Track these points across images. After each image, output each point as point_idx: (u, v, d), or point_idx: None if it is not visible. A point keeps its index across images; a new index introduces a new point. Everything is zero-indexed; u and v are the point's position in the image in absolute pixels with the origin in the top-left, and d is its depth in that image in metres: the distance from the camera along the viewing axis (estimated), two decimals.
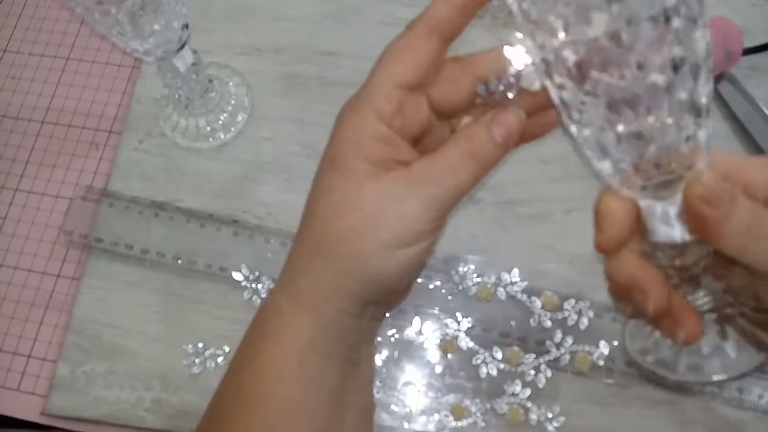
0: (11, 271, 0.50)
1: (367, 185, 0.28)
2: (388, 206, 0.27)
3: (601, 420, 0.43)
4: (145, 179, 0.51)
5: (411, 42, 0.28)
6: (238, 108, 0.52)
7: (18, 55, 0.58)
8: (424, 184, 0.28)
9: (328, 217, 0.29)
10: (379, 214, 0.28)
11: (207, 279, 0.47)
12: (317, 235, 0.29)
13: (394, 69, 0.29)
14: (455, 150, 0.28)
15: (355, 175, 0.28)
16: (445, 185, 0.28)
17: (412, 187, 0.27)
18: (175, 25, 0.43)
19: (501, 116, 0.28)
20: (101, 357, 0.46)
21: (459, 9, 0.28)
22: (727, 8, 0.53)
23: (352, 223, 0.28)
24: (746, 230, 0.24)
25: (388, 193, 0.28)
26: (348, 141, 0.29)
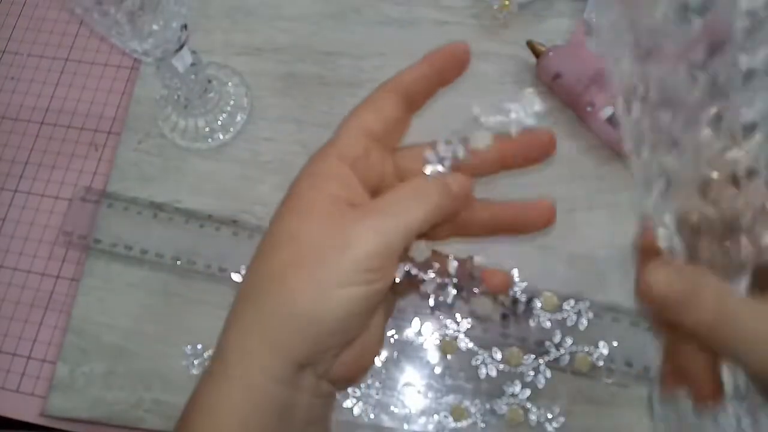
0: (10, 272, 0.50)
1: (312, 219, 0.27)
2: (327, 238, 0.26)
3: (601, 420, 0.43)
4: (144, 180, 0.51)
5: (377, 96, 0.30)
6: (238, 108, 0.52)
7: (17, 56, 0.58)
8: (369, 217, 0.26)
9: (265, 253, 0.27)
10: (316, 246, 0.26)
11: (206, 279, 0.47)
12: (251, 274, 0.27)
13: (360, 116, 0.29)
14: (402, 186, 0.28)
15: (302, 208, 0.27)
16: (393, 219, 0.26)
17: (356, 220, 0.26)
18: (174, 26, 0.43)
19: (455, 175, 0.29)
20: (100, 358, 0.46)
21: (422, 79, 0.30)
22: None
23: (286, 257, 0.26)
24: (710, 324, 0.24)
25: (330, 226, 0.26)
26: (305, 176, 0.29)
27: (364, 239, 0.26)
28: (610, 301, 0.45)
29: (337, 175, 0.28)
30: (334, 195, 0.27)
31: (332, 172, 0.28)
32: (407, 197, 0.27)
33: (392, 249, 0.26)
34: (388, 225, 0.26)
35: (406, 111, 0.30)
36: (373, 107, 0.30)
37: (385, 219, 0.26)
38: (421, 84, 0.30)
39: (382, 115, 0.29)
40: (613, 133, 0.47)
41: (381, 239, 0.26)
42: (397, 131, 0.30)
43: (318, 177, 0.28)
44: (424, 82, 0.30)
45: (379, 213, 0.27)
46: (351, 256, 0.25)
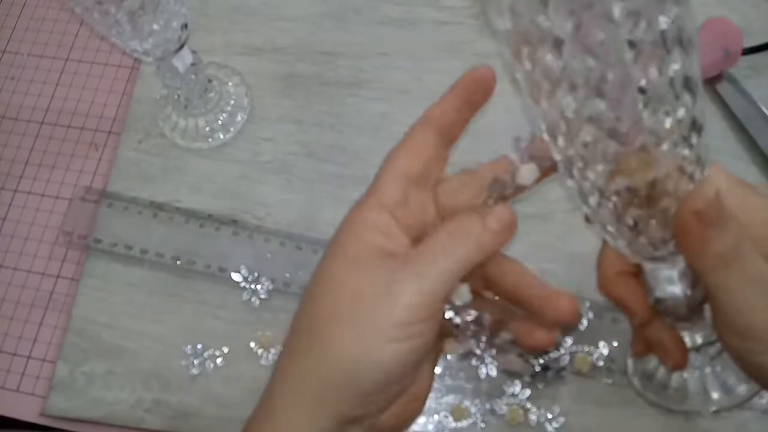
0: (10, 272, 0.50)
1: (357, 270, 0.26)
2: (370, 291, 0.26)
3: (601, 420, 0.43)
4: (144, 179, 0.51)
5: (412, 136, 0.30)
6: (238, 108, 0.52)
7: (17, 56, 0.58)
8: (409, 267, 0.26)
9: (309, 303, 0.27)
10: (358, 300, 0.26)
11: (206, 279, 0.47)
12: (296, 325, 0.27)
13: (396, 161, 0.29)
14: (443, 232, 0.27)
15: (345, 260, 0.27)
16: (433, 267, 0.26)
17: (397, 271, 0.26)
18: (174, 25, 0.43)
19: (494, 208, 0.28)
20: (100, 357, 0.46)
21: (453, 111, 0.29)
22: (726, 8, 0.53)
23: (329, 310, 0.26)
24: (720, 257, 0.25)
25: (372, 278, 0.26)
26: (347, 228, 0.28)
27: (406, 292, 0.25)
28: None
29: (378, 224, 0.28)
30: (375, 245, 0.27)
31: (372, 221, 0.28)
32: (445, 243, 0.27)
33: (435, 298, 0.26)
34: (429, 274, 0.26)
35: (442, 147, 0.30)
36: (409, 149, 0.29)
37: (425, 268, 0.26)
38: (452, 116, 0.30)
39: (419, 155, 0.29)
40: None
41: (423, 290, 0.26)
42: (437, 168, 0.30)
43: (359, 226, 0.28)
44: (455, 114, 0.29)
45: (419, 262, 0.26)
46: (394, 311, 0.25)
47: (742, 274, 0.25)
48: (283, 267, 0.47)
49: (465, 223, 0.27)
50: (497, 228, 0.27)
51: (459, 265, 0.26)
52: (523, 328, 0.30)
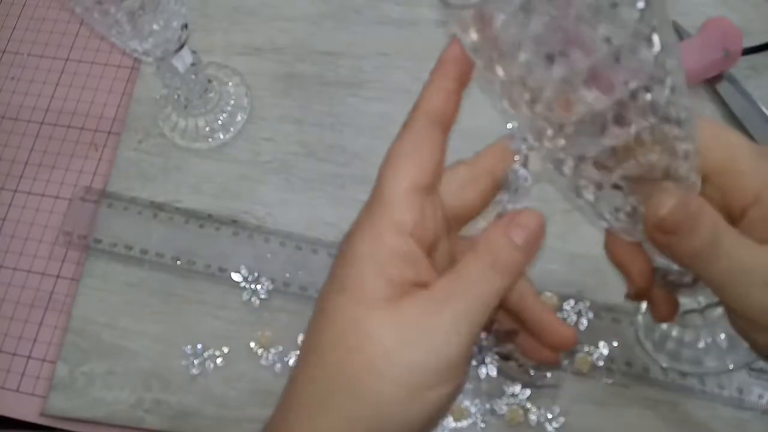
0: (10, 272, 0.50)
1: (385, 313, 0.24)
2: (409, 338, 0.24)
3: (601, 420, 0.43)
4: (144, 180, 0.51)
5: (415, 138, 0.26)
6: (238, 108, 0.52)
7: (17, 56, 0.58)
8: (445, 305, 0.24)
9: (336, 352, 0.24)
10: (398, 348, 0.23)
11: (206, 279, 0.47)
12: (323, 376, 0.24)
13: (405, 170, 0.25)
14: (476, 263, 0.25)
15: (371, 300, 0.24)
16: (467, 303, 0.24)
17: (435, 313, 0.24)
18: (175, 25, 0.43)
19: (519, 217, 0.25)
20: (100, 357, 0.46)
21: (450, 95, 0.26)
22: (726, 8, 0.53)
23: (366, 360, 0.24)
24: (696, 255, 0.25)
25: (409, 322, 0.24)
26: (363, 259, 0.25)
27: (445, 338, 0.24)
28: (610, 301, 0.44)
29: (403, 255, 0.25)
30: (403, 281, 0.24)
31: (396, 252, 0.25)
32: (477, 274, 0.25)
33: (473, 335, 0.24)
34: (466, 313, 0.24)
35: (445, 140, 0.27)
36: (416, 153, 0.26)
37: (462, 309, 0.24)
38: (452, 102, 0.27)
39: (429, 160, 0.26)
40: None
41: (462, 330, 0.24)
42: (442, 168, 0.27)
43: (380, 261, 0.24)
44: (454, 99, 0.27)
45: (455, 302, 0.24)
46: (435, 358, 0.24)
47: (723, 268, 0.25)
48: (283, 267, 0.47)
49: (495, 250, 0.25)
50: (523, 243, 0.25)
51: (495, 297, 0.25)
52: (530, 343, 0.30)
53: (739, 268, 0.25)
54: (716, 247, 0.25)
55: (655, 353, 0.41)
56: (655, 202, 0.25)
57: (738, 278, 0.25)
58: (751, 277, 0.25)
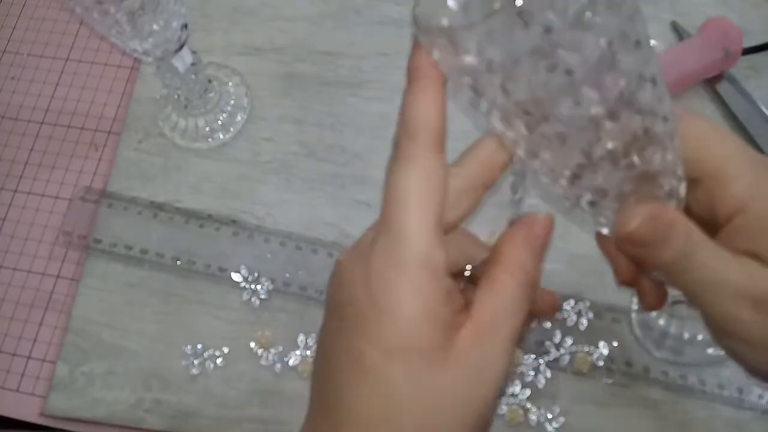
0: (10, 273, 0.50)
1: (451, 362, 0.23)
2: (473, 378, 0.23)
3: (601, 420, 0.43)
4: (144, 180, 0.51)
5: (426, 168, 0.24)
6: (238, 108, 0.52)
7: (17, 56, 0.58)
8: (500, 334, 0.24)
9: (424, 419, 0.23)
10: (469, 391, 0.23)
11: (206, 279, 0.47)
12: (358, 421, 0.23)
13: (425, 207, 0.23)
14: (512, 281, 0.24)
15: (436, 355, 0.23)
16: (517, 324, 0.24)
17: (486, 343, 0.24)
18: (174, 25, 0.43)
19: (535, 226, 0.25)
20: (100, 357, 0.46)
21: (439, 105, 0.24)
22: (726, 8, 0.53)
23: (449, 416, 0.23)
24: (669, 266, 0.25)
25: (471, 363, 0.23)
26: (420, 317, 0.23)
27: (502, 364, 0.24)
28: (610, 301, 0.44)
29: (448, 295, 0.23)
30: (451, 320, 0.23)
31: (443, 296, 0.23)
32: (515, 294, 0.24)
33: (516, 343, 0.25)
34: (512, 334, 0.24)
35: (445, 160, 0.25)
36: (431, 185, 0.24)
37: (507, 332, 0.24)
38: (444, 113, 0.24)
39: (443, 191, 0.24)
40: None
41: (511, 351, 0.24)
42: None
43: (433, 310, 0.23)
44: (444, 109, 0.24)
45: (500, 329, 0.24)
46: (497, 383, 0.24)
47: (696, 278, 0.25)
48: (283, 267, 0.47)
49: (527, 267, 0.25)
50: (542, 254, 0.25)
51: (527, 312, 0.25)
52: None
53: (711, 280, 0.25)
54: (689, 259, 0.25)
55: (644, 340, 0.43)
56: (624, 216, 0.25)
57: (710, 289, 0.25)
58: (723, 288, 0.25)
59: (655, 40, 0.53)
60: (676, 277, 0.26)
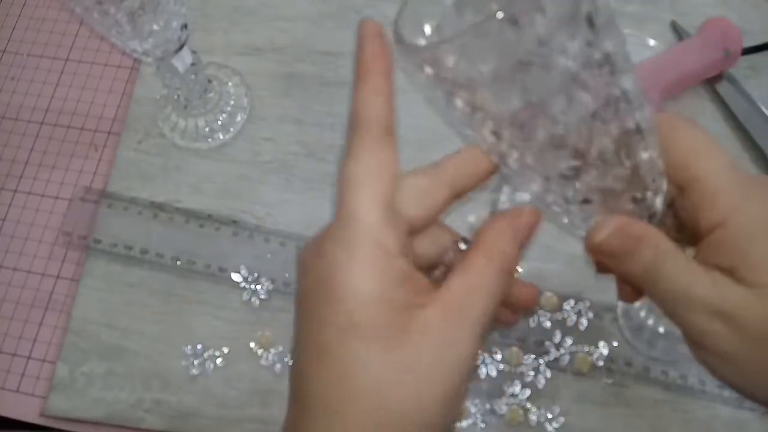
0: (10, 273, 0.50)
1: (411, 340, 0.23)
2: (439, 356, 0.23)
3: (601, 420, 0.43)
4: (144, 180, 0.51)
5: (372, 154, 0.25)
6: (237, 108, 0.52)
7: (17, 56, 0.58)
8: (470, 316, 0.24)
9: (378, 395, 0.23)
10: (433, 369, 0.23)
11: (206, 280, 0.47)
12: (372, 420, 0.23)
13: (372, 191, 0.24)
14: (490, 266, 0.25)
15: (393, 332, 0.23)
16: (489, 310, 0.24)
17: (455, 323, 0.24)
18: (174, 25, 0.43)
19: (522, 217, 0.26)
20: (100, 358, 0.46)
21: (385, 96, 0.25)
22: (726, 8, 0.53)
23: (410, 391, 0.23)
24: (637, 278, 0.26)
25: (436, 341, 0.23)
26: (364, 294, 0.23)
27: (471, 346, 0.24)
28: (610, 301, 0.45)
29: (404, 277, 0.24)
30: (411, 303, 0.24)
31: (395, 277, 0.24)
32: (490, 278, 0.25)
33: (489, 325, 0.25)
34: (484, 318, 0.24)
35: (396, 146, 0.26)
36: (378, 170, 0.24)
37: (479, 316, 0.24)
38: (390, 102, 0.26)
39: (391, 175, 0.25)
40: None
41: (482, 334, 0.24)
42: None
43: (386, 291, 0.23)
44: (390, 99, 0.26)
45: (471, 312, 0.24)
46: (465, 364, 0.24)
47: (667, 289, 0.25)
48: (283, 267, 0.47)
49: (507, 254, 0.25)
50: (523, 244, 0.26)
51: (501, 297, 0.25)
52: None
53: (681, 293, 0.25)
54: (658, 271, 0.25)
55: (624, 328, 0.44)
56: (593, 227, 0.26)
57: (679, 302, 0.25)
58: (691, 301, 0.25)
59: (655, 40, 0.53)
60: (647, 288, 0.26)
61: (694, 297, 0.25)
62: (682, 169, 0.26)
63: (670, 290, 0.25)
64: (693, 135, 0.26)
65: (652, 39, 0.52)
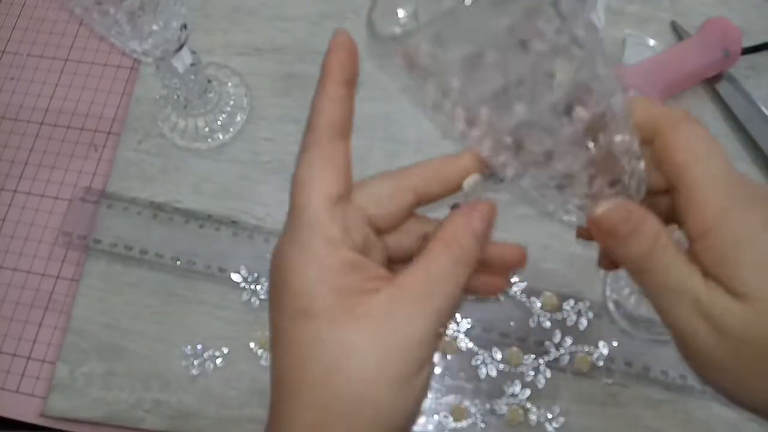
0: (10, 273, 0.50)
1: (360, 322, 0.24)
2: (391, 338, 0.24)
3: (601, 420, 0.43)
4: (143, 180, 0.51)
5: (320, 152, 0.26)
6: (237, 108, 0.52)
7: (17, 56, 0.58)
8: (424, 302, 0.25)
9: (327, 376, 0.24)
10: (383, 350, 0.24)
11: (206, 280, 0.47)
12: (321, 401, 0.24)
13: (319, 186, 0.26)
14: (446, 256, 0.25)
15: (342, 316, 0.24)
16: (443, 296, 0.25)
17: (412, 309, 0.25)
18: (174, 25, 0.42)
19: (479, 209, 0.26)
20: (100, 358, 0.46)
21: (340, 101, 0.27)
22: (726, 8, 0.53)
23: (359, 371, 0.24)
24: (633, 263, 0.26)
25: (386, 324, 0.24)
26: (312, 281, 0.25)
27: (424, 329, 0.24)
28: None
29: (349, 264, 0.25)
30: (362, 287, 0.25)
31: (343, 265, 0.25)
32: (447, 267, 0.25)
33: (446, 324, 0.25)
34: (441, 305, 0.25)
35: (349, 148, 0.27)
36: (325, 166, 0.26)
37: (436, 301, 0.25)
38: (345, 108, 0.27)
39: (338, 171, 0.26)
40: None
41: (439, 321, 0.25)
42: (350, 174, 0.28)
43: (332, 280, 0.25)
44: (346, 104, 0.27)
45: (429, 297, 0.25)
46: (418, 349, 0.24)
47: (658, 280, 0.25)
48: None
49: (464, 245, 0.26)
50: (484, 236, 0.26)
51: (462, 287, 0.26)
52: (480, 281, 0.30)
53: (673, 286, 0.25)
54: (654, 260, 0.25)
55: (608, 302, 0.45)
56: (596, 204, 0.26)
57: (670, 295, 0.25)
58: (682, 297, 0.25)
59: (655, 40, 0.53)
60: (639, 276, 0.26)
61: (685, 292, 0.25)
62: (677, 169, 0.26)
63: (662, 280, 0.25)
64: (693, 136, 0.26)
65: (652, 39, 0.52)
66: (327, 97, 0.27)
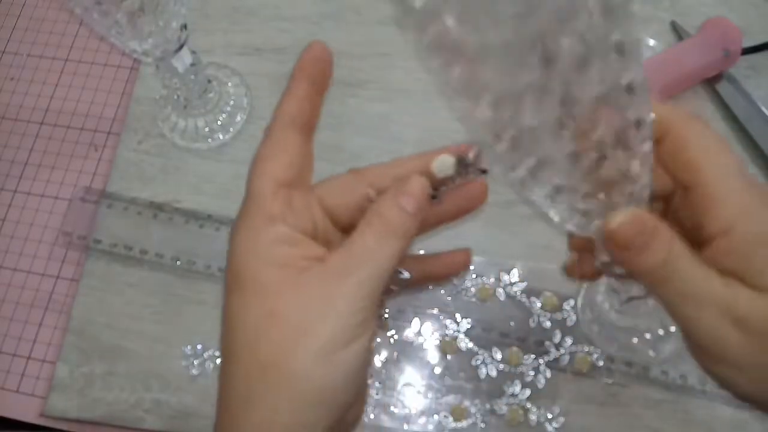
0: (10, 273, 0.50)
1: (284, 293, 0.25)
2: (313, 309, 0.25)
3: (601, 420, 0.43)
4: (143, 180, 0.51)
5: (275, 141, 0.28)
6: (237, 108, 0.52)
7: (17, 56, 0.58)
8: (346, 276, 0.25)
9: (251, 345, 0.25)
10: (304, 321, 0.25)
11: (206, 280, 0.47)
12: (240, 373, 0.25)
13: (268, 169, 0.28)
14: (369, 232, 0.26)
15: (268, 286, 0.25)
16: (368, 270, 0.26)
17: (334, 282, 0.25)
18: (174, 25, 0.42)
19: (406, 186, 0.27)
20: (100, 358, 0.46)
21: (305, 100, 0.28)
22: (726, 8, 0.53)
23: (279, 340, 0.25)
24: (650, 273, 0.25)
25: (309, 295, 0.25)
26: (247, 253, 0.26)
27: (347, 303, 0.25)
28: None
29: (281, 239, 0.26)
30: (291, 260, 0.26)
31: (274, 238, 0.26)
32: (370, 242, 0.26)
33: (373, 298, 0.26)
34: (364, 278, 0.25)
35: (305, 139, 0.29)
36: (277, 152, 0.28)
37: (359, 275, 0.25)
38: (308, 106, 0.29)
39: (287, 158, 0.28)
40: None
41: (362, 294, 0.25)
42: (307, 165, 0.29)
43: (263, 250, 0.26)
44: (309, 103, 0.29)
45: (353, 271, 0.26)
46: (340, 322, 0.25)
47: (677, 289, 0.25)
48: None
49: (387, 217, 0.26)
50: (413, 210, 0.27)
51: (392, 260, 0.26)
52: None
53: (692, 293, 0.25)
54: (671, 269, 0.25)
55: (584, 320, 0.44)
56: (609, 216, 0.26)
57: (691, 302, 0.25)
58: (704, 302, 0.24)
59: (655, 40, 0.53)
60: (657, 287, 0.26)
61: (707, 297, 0.24)
62: (690, 170, 0.26)
63: (681, 289, 0.25)
64: (705, 136, 0.26)
65: (652, 39, 0.52)
66: (291, 93, 0.29)
